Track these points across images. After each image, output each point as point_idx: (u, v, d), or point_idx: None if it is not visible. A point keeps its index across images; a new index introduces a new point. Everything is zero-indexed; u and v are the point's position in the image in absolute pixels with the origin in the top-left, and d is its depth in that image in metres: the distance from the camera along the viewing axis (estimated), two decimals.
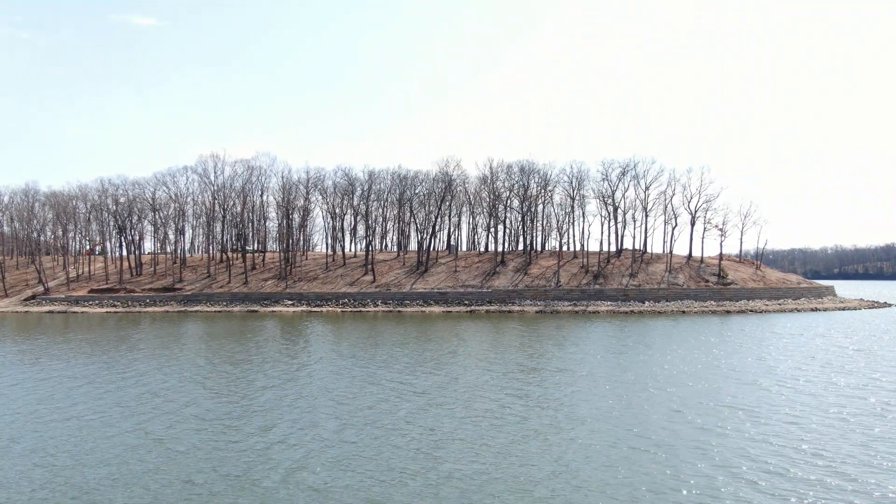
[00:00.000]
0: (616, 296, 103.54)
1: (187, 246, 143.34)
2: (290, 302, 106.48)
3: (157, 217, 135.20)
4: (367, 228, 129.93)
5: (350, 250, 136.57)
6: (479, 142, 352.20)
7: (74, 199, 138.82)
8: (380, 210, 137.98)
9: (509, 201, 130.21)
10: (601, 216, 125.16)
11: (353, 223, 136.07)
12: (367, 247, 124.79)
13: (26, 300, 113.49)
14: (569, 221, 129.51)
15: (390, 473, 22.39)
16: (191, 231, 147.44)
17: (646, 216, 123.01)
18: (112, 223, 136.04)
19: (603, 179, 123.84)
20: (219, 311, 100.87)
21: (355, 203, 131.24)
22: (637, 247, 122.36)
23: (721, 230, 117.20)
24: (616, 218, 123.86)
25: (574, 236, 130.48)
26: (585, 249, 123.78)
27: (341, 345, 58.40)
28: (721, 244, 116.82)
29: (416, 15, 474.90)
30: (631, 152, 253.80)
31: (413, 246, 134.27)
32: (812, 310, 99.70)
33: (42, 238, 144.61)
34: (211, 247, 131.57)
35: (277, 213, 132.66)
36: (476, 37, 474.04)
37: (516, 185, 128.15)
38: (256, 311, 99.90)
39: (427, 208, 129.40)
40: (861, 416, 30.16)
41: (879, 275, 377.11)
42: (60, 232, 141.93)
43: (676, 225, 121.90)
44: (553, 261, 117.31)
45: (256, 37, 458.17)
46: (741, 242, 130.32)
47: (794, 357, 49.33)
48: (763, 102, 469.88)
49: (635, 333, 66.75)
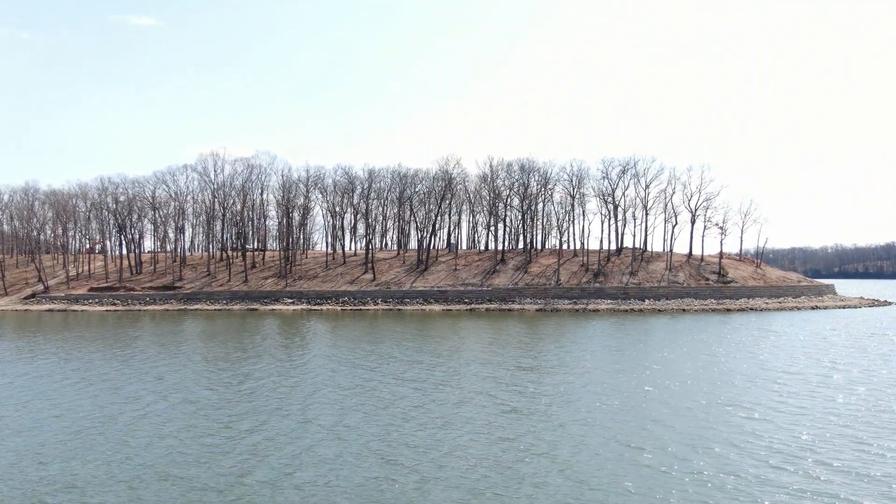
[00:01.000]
0: (616, 294, 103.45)
1: (187, 245, 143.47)
2: (290, 300, 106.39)
3: (157, 216, 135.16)
4: (367, 227, 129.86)
5: (350, 249, 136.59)
6: (480, 142, 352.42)
7: (74, 198, 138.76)
8: (380, 208, 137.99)
9: (509, 199, 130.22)
10: (601, 214, 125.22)
11: (354, 222, 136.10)
12: (367, 245, 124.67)
13: (26, 298, 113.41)
14: (569, 220, 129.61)
15: (384, 470, 22.32)
16: (191, 230, 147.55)
17: (646, 214, 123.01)
18: (112, 222, 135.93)
19: (603, 178, 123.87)
20: (218, 310, 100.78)
21: (355, 201, 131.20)
22: (637, 245, 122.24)
23: (721, 228, 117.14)
24: (616, 216, 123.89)
25: (574, 235, 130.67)
26: (585, 248, 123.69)
27: (338, 343, 58.31)
28: (721, 242, 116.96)
29: (416, 15, 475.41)
30: (631, 151, 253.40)
31: (413, 244, 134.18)
32: (812, 308, 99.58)
33: (42, 237, 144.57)
34: (211, 245, 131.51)
35: (277, 212, 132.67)
36: (476, 37, 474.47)
37: (516, 184, 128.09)
38: (256, 310, 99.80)
39: (427, 207, 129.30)
40: (870, 417, 30.06)
41: (879, 274, 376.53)
42: (60, 230, 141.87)
43: (676, 223, 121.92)
44: (553, 259, 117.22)
45: (255, 38, 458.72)
46: (741, 241, 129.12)
47: (796, 355, 49.26)
48: (763, 102, 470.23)
49: (635, 332, 66.68)
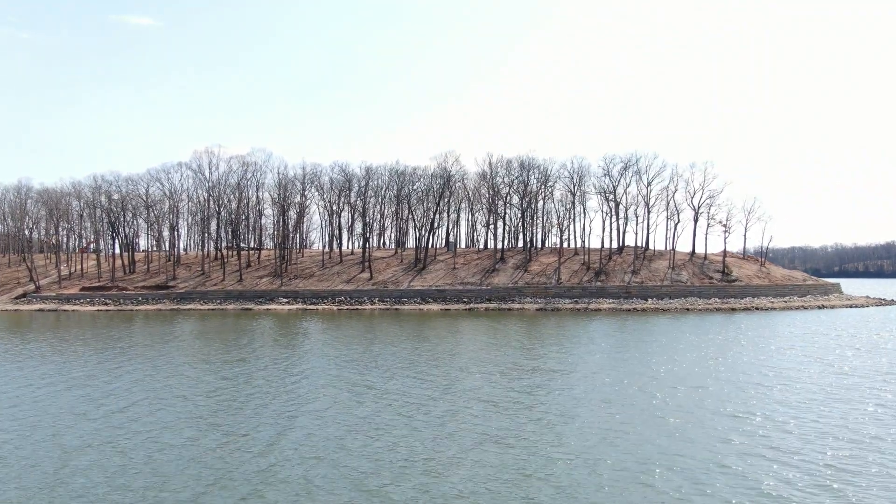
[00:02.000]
0: (618, 293, 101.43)
1: (182, 244, 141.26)
2: (286, 300, 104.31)
3: (151, 214, 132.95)
4: (365, 225, 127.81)
5: (347, 248, 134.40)
6: (480, 142, 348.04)
7: (67, 196, 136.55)
8: (377, 207, 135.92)
9: (509, 197, 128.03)
10: (602, 212, 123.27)
11: (351, 220, 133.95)
12: (365, 244, 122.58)
13: (17, 298, 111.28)
14: (569, 218, 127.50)
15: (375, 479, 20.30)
16: (186, 228, 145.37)
17: (648, 212, 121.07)
18: (105, 220, 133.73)
19: (604, 175, 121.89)
20: (212, 310, 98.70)
21: (352, 199, 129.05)
22: (639, 243, 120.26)
23: (725, 226, 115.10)
24: (618, 214, 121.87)
25: (575, 233, 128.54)
26: (587, 246, 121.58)
27: (329, 345, 56.25)
28: (725, 240, 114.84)
29: (416, 15, 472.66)
30: (632, 149, 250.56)
31: (411, 243, 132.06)
32: (819, 307, 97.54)
33: (36, 235, 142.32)
34: (205, 244, 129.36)
35: (273, 210, 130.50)
36: (476, 37, 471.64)
37: (516, 181, 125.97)
38: (251, 310, 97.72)
39: (425, 205, 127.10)
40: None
41: (880, 273, 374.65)
42: (53, 229, 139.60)
43: (679, 221, 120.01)
44: (553, 258, 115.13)
45: (254, 38, 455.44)
46: (745, 239, 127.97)
47: (810, 359, 47.29)
48: (763, 102, 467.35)
49: (640, 332, 64.64)
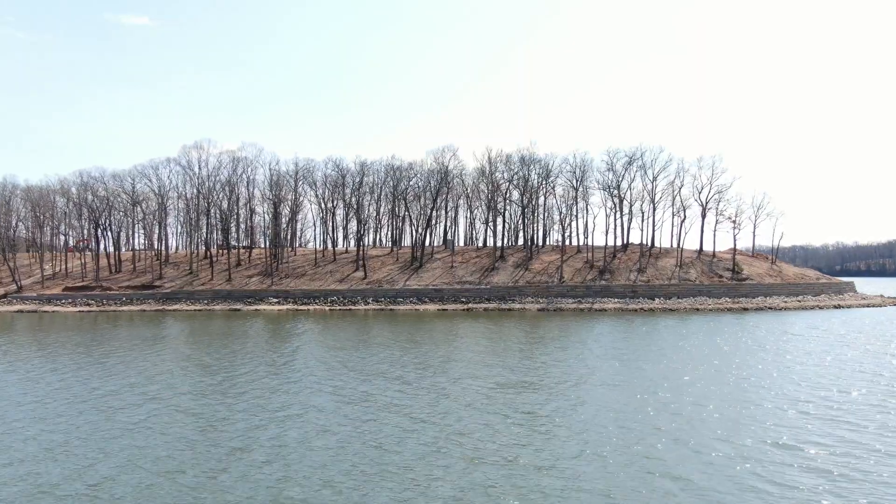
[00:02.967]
0: (624, 293, 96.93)
1: (171, 242, 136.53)
2: (276, 300, 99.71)
3: (138, 211, 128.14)
4: (359, 222, 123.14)
5: (342, 246, 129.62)
6: (478, 138, 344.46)
7: (53, 194, 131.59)
8: (372, 203, 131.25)
9: (509, 193, 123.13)
10: (606, 208, 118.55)
11: (345, 218, 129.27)
12: (359, 242, 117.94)
13: None
14: (572, 214, 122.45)
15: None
16: (175, 226, 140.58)
17: (653, 208, 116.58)
18: (90, 218, 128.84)
19: (608, 169, 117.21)
20: (199, 310, 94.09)
21: (347, 196, 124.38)
22: (644, 241, 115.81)
23: (734, 222, 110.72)
24: (622, 210, 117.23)
25: (577, 230, 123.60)
26: (590, 244, 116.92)
27: (314, 352, 51.71)
28: (735, 237, 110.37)
29: (417, 15, 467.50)
30: (636, 142, 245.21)
31: (407, 241, 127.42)
32: (835, 307, 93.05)
33: (21, 234, 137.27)
34: (194, 242, 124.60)
35: (264, 207, 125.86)
36: (476, 37, 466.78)
37: (516, 177, 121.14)
38: (239, 310, 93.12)
39: (422, 201, 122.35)
40: None
41: (882, 272, 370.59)
42: (37, 227, 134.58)
43: (686, 217, 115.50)
44: (555, 256, 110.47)
45: (251, 37, 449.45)
46: (754, 236, 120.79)
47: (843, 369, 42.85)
48: (763, 102, 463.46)
49: (649, 335, 60.10)
